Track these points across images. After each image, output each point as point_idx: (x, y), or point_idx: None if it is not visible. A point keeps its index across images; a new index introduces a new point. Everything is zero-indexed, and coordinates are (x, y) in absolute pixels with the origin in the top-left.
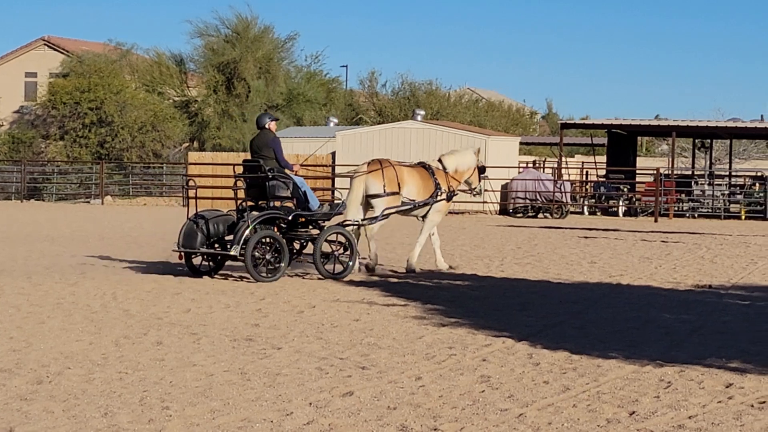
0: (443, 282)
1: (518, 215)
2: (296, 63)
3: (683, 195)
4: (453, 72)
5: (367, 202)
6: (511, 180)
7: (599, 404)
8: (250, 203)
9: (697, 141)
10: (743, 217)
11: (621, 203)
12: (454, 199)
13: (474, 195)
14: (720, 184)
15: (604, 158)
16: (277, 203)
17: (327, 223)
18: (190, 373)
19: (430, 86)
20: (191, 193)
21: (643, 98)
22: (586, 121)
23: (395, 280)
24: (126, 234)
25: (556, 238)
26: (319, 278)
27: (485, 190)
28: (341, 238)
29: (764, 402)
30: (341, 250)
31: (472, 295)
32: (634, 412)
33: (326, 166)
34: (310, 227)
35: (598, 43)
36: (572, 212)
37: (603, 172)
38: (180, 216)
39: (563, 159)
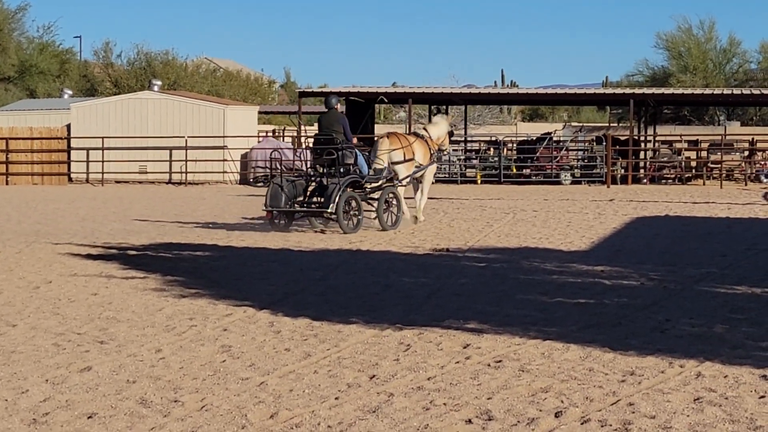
0: (183, 253)
1: (258, 185)
2: (28, 34)
3: None
4: (190, 41)
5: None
6: (251, 149)
7: (340, 369)
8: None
9: (433, 107)
10: (479, 181)
11: None
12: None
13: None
14: (456, 150)
15: None
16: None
17: (371, 185)
18: None
19: (166, 56)
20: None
21: (381, 66)
22: (324, 90)
23: (134, 252)
24: None
25: None
26: (59, 253)
27: (224, 160)
28: (392, 197)
29: (500, 361)
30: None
31: (212, 266)
32: (374, 376)
33: (61, 138)
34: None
35: (335, 12)
36: None
37: None
38: None
39: (302, 127)
